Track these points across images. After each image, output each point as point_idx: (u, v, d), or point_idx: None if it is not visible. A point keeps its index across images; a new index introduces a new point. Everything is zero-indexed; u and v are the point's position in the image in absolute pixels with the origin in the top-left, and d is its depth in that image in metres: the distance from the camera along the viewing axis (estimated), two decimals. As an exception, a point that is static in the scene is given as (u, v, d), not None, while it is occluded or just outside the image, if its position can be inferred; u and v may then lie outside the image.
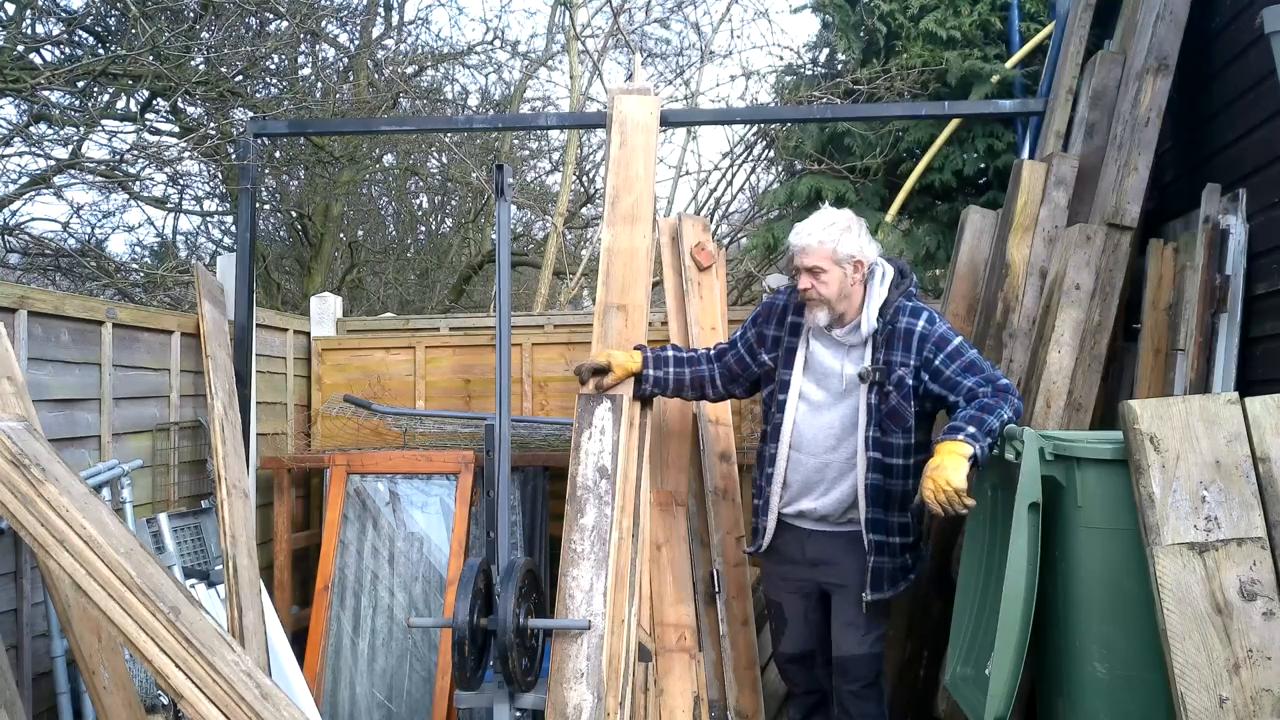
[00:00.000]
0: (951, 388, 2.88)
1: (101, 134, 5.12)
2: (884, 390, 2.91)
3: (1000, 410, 2.76)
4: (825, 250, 2.92)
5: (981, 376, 2.87)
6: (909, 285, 3.01)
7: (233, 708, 2.17)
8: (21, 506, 2.28)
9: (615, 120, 3.64)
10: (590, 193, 8.84)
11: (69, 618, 2.92)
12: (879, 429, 2.92)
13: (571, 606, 2.70)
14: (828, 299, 2.93)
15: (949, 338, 2.92)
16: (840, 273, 2.92)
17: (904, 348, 2.91)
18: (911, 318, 2.93)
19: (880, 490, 2.94)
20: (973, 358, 2.91)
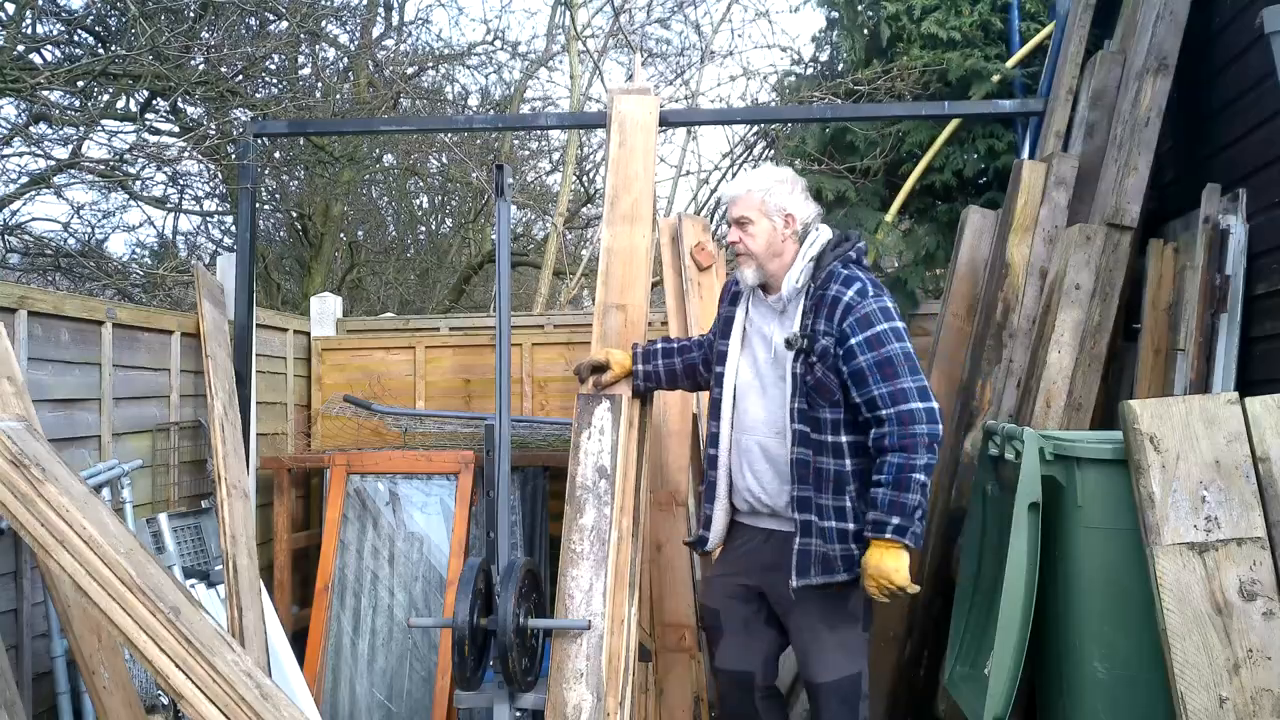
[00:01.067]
0: (858, 383, 2.57)
1: (101, 134, 5.12)
2: (809, 360, 2.63)
3: (912, 471, 2.50)
4: (754, 199, 2.73)
5: (892, 389, 2.54)
6: (849, 250, 2.73)
7: (233, 708, 2.17)
8: (21, 506, 2.28)
9: (615, 120, 3.64)
10: (590, 193, 8.84)
11: (69, 618, 2.92)
12: (805, 401, 2.64)
13: (571, 606, 2.70)
14: (754, 253, 2.73)
15: (875, 319, 2.58)
16: (769, 225, 2.72)
17: (828, 316, 2.62)
18: (842, 285, 2.63)
19: (807, 466, 2.65)
20: (893, 354, 2.56)
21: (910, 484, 2.50)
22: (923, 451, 2.51)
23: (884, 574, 2.49)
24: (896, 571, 2.49)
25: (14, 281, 5.11)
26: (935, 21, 5.22)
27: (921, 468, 2.51)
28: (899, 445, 2.51)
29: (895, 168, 5.41)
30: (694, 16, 10.37)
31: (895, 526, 2.49)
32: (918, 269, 5.23)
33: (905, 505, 2.49)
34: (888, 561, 2.49)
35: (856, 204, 5.29)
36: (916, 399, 2.53)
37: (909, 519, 2.49)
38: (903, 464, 2.51)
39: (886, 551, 2.50)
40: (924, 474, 2.52)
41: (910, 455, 2.50)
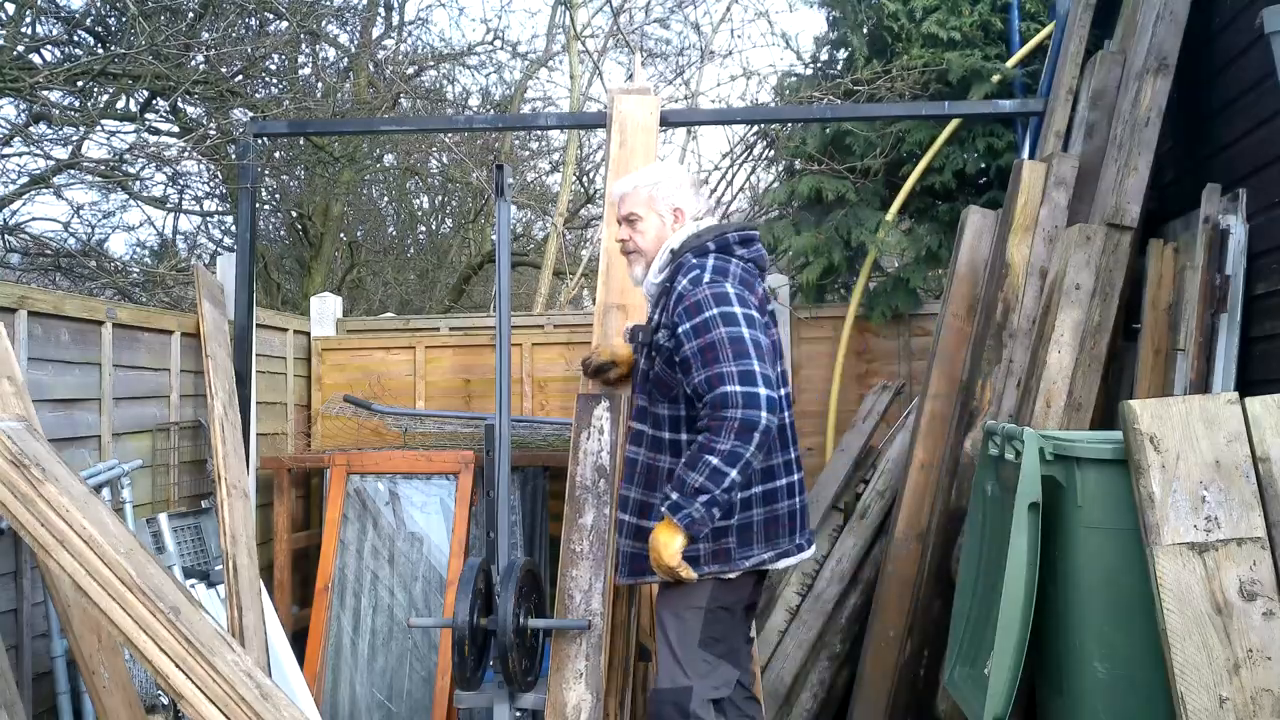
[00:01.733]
0: (685, 371, 2.45)
1: (101, 134, 5.12)
2: (651, 355, 2.56)
3: (710, 451, 2.33)
4: (642, 195, 2.63)
5: (710, 374, 2.37)
6: (708, 239, 2.57)
7: (233, 707, 2.17)
8: (21, 506, 2.28)
9: (615, 120, 3.64)
10: (590, 193, 8.84)
11: (69, 618, 2.92)
12: (646, 397, 2.57)
13: (571, 606, 2.71)
14: (643, 250, 2.63)
15: (704, 305, 2.43)
16: (658, 221, 2.62)
17: (666, 307, 2.53)
18: (682, 275, 2.51)
19: (637, 464, 2.57)
20: (716, 339, 2.39)
21: (700, 464, 2.34)
22: (727, 435, 2.32)
23: (654, 548, 2.41)
24: (665, 547, 2.38)
25: (14, 281, 5.11)
26: (936, 21, 5.22)
27: (721, 453, 2.32)
28: (706, 426, 2.38)
29: (895, 168, 5.40)
30: (693, 16, 10.38)
31: (671, 503, 2.38)
32: (919, 268, 5.23)
33: (686, 483, 2.36)
34: (660, 536, 2.40)
35: (857, 204, 5.28)
36: (734, 383, 2.34)
37: (687, 499, 2.35)
38: (701, 444, 2.36)
39: (662, 528, 2.41)
40: (721, 460, 2.32)
41: (712, 437, 2.34)
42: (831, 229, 5.21)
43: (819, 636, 4.06)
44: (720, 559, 2.52)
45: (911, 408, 4.20)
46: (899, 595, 3.80)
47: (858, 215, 5.19)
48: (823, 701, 4.06)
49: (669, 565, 2.40)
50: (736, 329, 2.39)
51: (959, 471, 3.64)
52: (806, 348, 5.31)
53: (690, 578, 2.44)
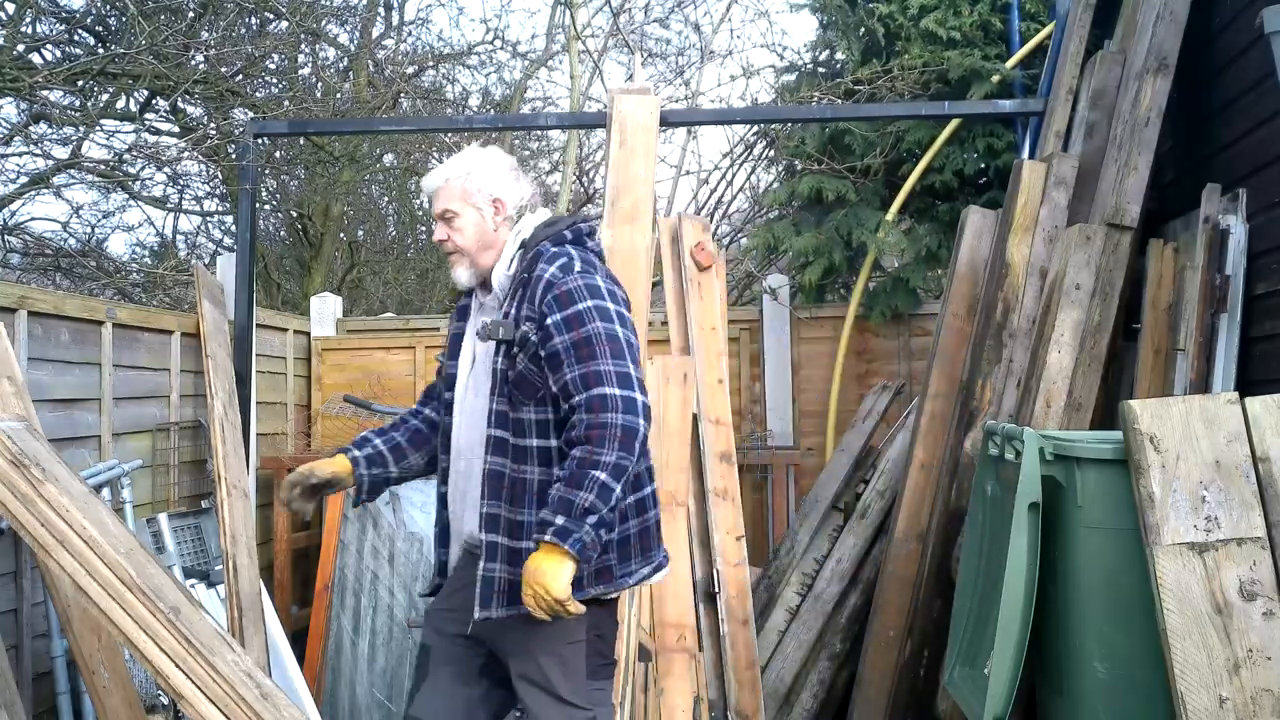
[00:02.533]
0: (554, 367, 2.20)
1: (101, 134, 5.12)
2: (511, 352, 2.26)
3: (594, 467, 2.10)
4: (454, 189, 2.38)
5: (585, 371, 2.16)
6: (564, 228, 2.38)
7: (233, 708, 2.16)
8: (21, 506, 2.28)
9: (615, 120, 3.64)
10: (590, 193, 8.84)
11: (69, 618, 2.92)
12: (508, 401, 2.27)
13: (571, 606, 2.70)
14: (465, 248, 2.37)
15: (578, 296, 2.21)
16: (477, 215, 2.37)
17: (530, 298, 2.26)
18: (546, 263, 2.27)
19: (501, 478, 2.26)
20: (593, 334, 2.18)
21: (586, 481, 2.10)
22: (611, 446, 2.11)
23: (540, 580, 2.08)
24: (554, 579, 2.07)
25: (14, 281, 5.11)
26: (935, 20, 5.22)
27: (607, 466, 2.11)
28: (584, 436, 2.13)
29: (895, 167, 5.41)
30: (693, 16, 10.37)
31: (558, 528, 2.08)
32: (918, 268, 5.23)
33: (574, 505, 2.09)
34: (545, 566, 2.08)
35: (856, 204, 5.29)
36: (614, 385, 2.14)
37: (576, 522, 2.08)
38: (583, 458, 2.12)
39: (547, 556, 2.09)
40: (609, 474, 2.11)
41: (594, 448, 2.11)
42: (832, 229, 5.21)
43: (819, 636, 4.07)
44: (604, 578, 2.27)
45: (911, 408, 4.21)
46: (899, 595, 3.80)
47: (858, 215, 5.20)
48: (823, 701, 4.06)
49: (556, 599, 2.08)
50: (612, 326, 2.21)
51: (959, 471, 3.64)
52: (806, 348, 5.31)
53: (579, 611, 2.13)
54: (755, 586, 4.09)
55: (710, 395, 3.96)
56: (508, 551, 2.23)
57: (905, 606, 3.79)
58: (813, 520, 4.21)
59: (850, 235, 5.14)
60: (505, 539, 2.24)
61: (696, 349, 3.99)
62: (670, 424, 3.71)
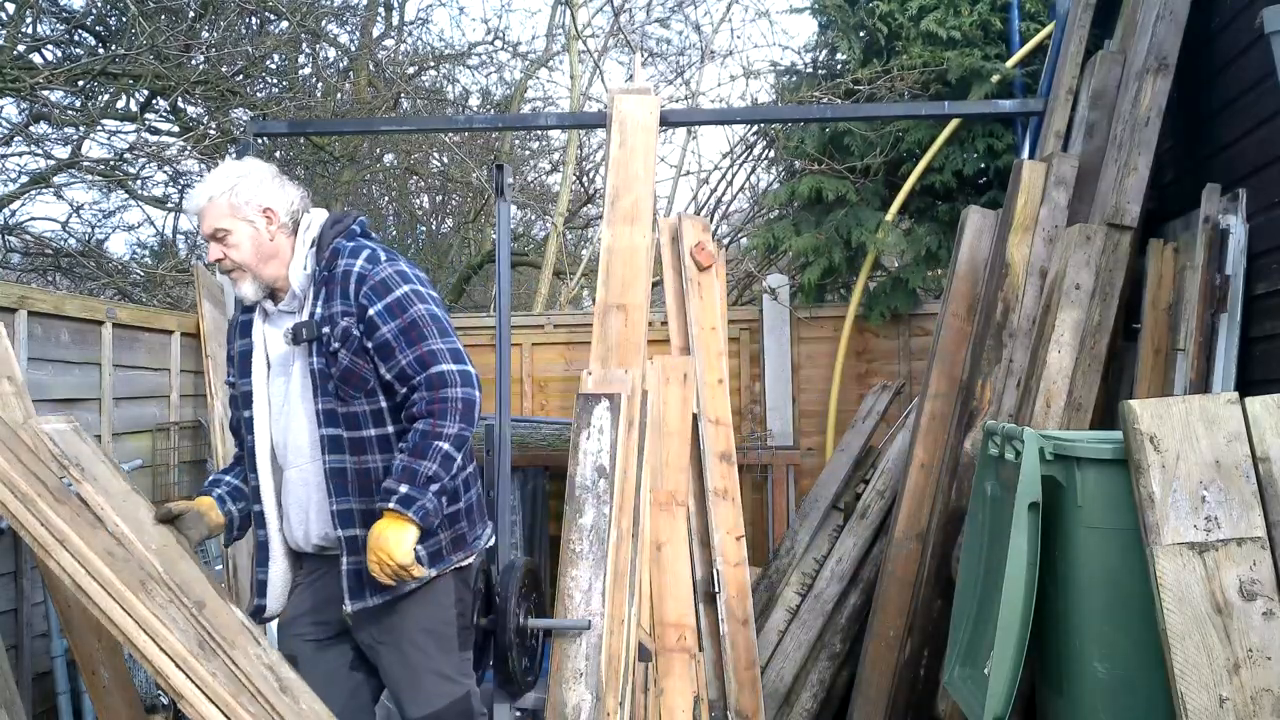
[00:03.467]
0: (385, 356, 2.28)
1: (101, 133, 5.12)
2: (329, 349, 2.30)
3: (437, 438, 2.22)
4: (220, 206, 2.34)
5: (419, 353, 2.27)
6: (350, 224, 2.44)
7: (245, 701, 2.17)
8: (21, 506, 2.28)
9: (615, 120, 3.64)
10: (590, 193, 8.84)
11: (69, 618, 2.92)
12: (335, 398, 2.31)
13: (570, 606, 2.71)
14: (244, 264, 2.35)
15: (392, 283, 2.31)
16: (250, 229, 2.35)
17: (342, 294, 2.31)
18: (350, 257, 2.34)
19: (344, 474, 2.32)
20: (417, 317, 2.30)
21: (430, 451, 2.22)
22: (453, 418, 2.24)
23: (383, 546, 2.18)
24: (398, 544, 2.18)
25: (14, 281, 5.11)
26: (934, 20, 5.22)
27: (450, 437, 2.23)
28: (427, 410, 2.25)
29: (895, 168, 5.41)
30: (694, 16, 10.38)
31: (401, 496, 2.20)
32: (918, 269, 5.23)
33: (418, 474, 2.21)
34: (389, 533, 2.19)
35: (857, 204, 5.28)
36: (449, 361, 2.28)
37: (420, 490, 2.20)
38: (427, 430, 2.23)
39: (391, 523, 2.20)
40: (451, 444, 2.24)
41: (437, 421, 2.23)
42: (831, 229, 5.21)
43: (819, 636, 4.07)
44: (460, 546, 2.41)
45: (911, 408, 4.21)
46: (899, 595, 3.80)
47: (858, 215, 5.20)
48: (823, 701, 4.06)
49: (400, 564, 2.18)
50: (430, 306, 2.33)
51: (959, 471, 3.64)
52: (806, 348, 5.31)
53: (421, 574, 2.25)
54: (755, 586, 4.10)
55: (710, 395, 3.97)
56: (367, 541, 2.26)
57: (905, 606, 3.79)
58: (813, 520, 4.21)
59: (850, 235, 5.14)
60: (362, 530, 2.29)
61: (696, 349, 4.00)
62: (670, 424, 3.71)
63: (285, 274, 2.38)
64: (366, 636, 2.41)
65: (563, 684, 2.62)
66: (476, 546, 2.46)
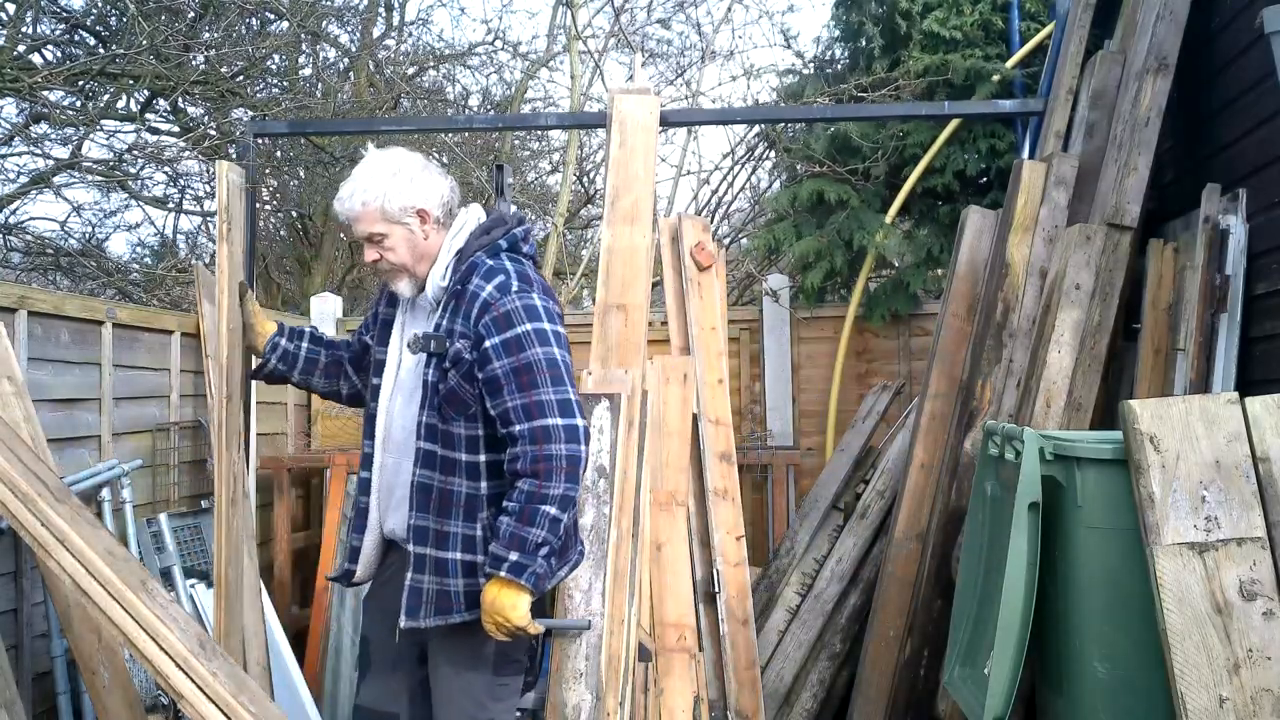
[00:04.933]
0: (492, 392, 2.23)
1: (101, 134, 5.12)
2: (443, 366, 2.27)
3: (543, 501, 2.17)
4: (372, 210, 2.33)
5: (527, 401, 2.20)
6: (499, 237, 2.36)
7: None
8: (22, 506, 2.28)
9: (615, 120, 3.64)
10: (590, 193, 8.84)
11: (69, 618, 2.92)
12: (437, 414, 2.28)
13: (570, 606, 2.70)
14: (402, 265, 2.35)
15: (516, 319, 2.23)
16: (404, 231, 2.33)
17: (465, 314, 2.26)
18: (483, 279, 2.27)
19: (429, 491, 2.30)
20: (533, 360, 2.21)
21: (537, 517, 2.17)
22: (559, 479, 2.18)
23: (499, 611, 2.19)
24: (513, 609, 2.18)
25: (14, 281, 5.11)
26: (936, 20, 5.22)
27: (555, 499, 2.18)
28: (531, 470, 2.18)
29: (897, 170, 5.41)
30: (695, 16, 10.38)
31: (512, 564, 2.16)
32: (919, 270, 5.23)
33: (527, 541, 2.16)
34: (504, 599, 2.18)
35: (859, 207, 5.29)
36: (556, 414, 2.19)
37: (529, 557, 2.16)
38: (532, 492, 2.18)
39: (504, 589, 2.18)
40: (557, 506, 2.18)
41: (543, 483, 2.17)
42: (833, 232, 5.21)
43: (819, 636, 4.07)
44: None
45: (911, 408, 4.20)
46: (899, 595, 3.80)
47: (859, 218, 5.20)
48: (823, 701, 4.06)
49: (520, 627, 2.20)
50: (551, 350, 2.24)
51: (959, 471, 3.64)
52: (806, 348, 5.31)
53: (538, 631, 2.26)
54: (755, 586, 4.09)
55: (710, 395, 3.96)
56: (435, 562, 2.29)
57: (905, 606, 3.79)
58: (813, 520, 4.21)
59: (851, 238, 5.14)
60: (433, 550, 2.30)
61: (696, 349, 4.00)
62: (670, 424, 3.71)
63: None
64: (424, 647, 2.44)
65: (563, 684, 2.62)
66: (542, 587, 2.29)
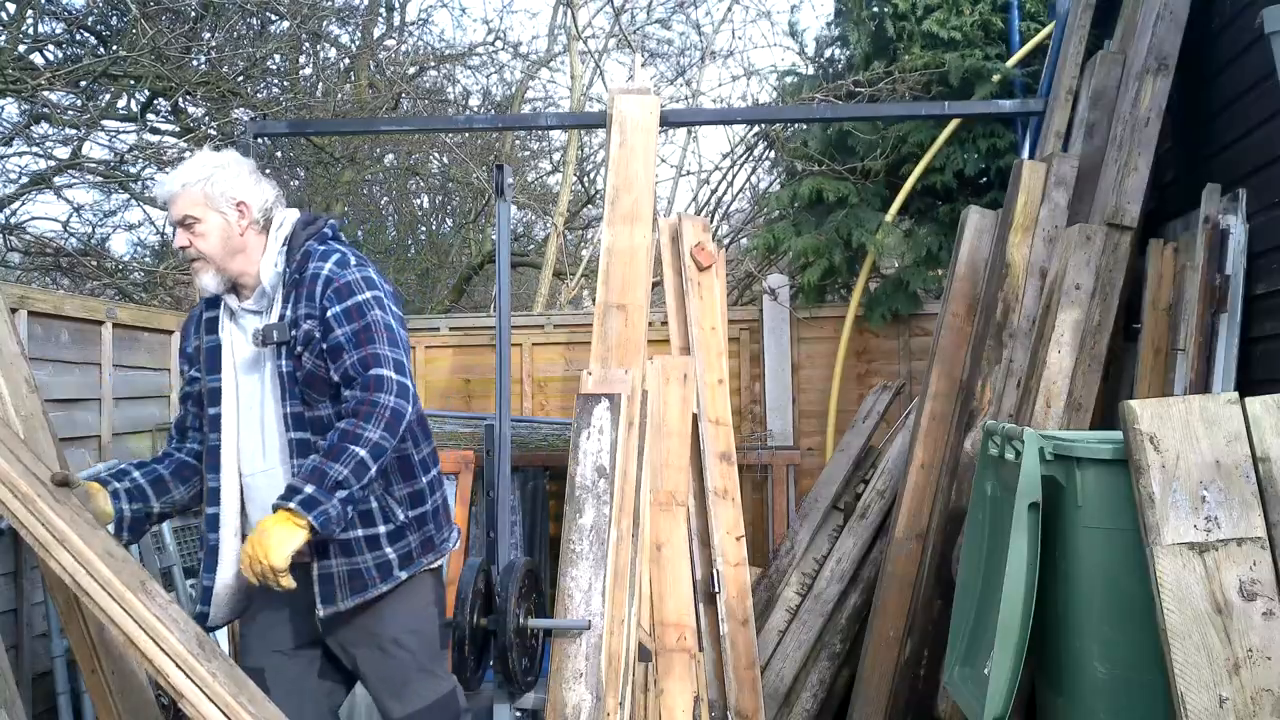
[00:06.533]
0: (335, 356, 2.25)
1: (102, 134, 5.12)
2: (295, 352, 2.28)
3: (355, 442, 2.14)
4: (194, 194, 2.32)
5: (364, 354, 2.23)
6: (323, 227, 2.42)
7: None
8: (21, 506, 2.28)
9: (615, 120, 3.64)
10: (591, 193, 8.84)
11: (69, 618, 2.91)
12: (301, 402, 2.28)
13: (570, 606, 2.71)
14: (210, 254, 2.32)
15: (356, 289, 2.29)
16: (221, 220, 2.32)
17: (309, 296, 2.30)
18: (320, 261, 2.33)
19: None
20: (372, 321, 2.26)
21: (344, 455, 2.13)
22: (376, 424, 2.17)
23: (263, 544, 2.08)
24: (279, 547, 2.07)
25: (14, 281, 5.11)
26: (936, 21, 5.22)
27: (369, 443, 2.15)
28: (353, 410, 2.19)
29: (896, 169, 5.40)
30: (695, 16, 10.38)
31: (304, 498, 2.09)
32: (919, 269, 5.22)
33: (326, 476, 2.11)
34: (276, 533, 2.08)
35: (857, 205, 5.28)
36: (390, 368, 2.23)
37: (324, 494, 2.10)
38: (347, 430, 2.16)
39: (282, 523, 2.09)
40: (368, 451, 2.15)
41: (360, 423, 2.17)
42: (832, 230, 5.21)
43: (819, 636, 4.06)
44: (430, 548, 2.41)
45: (911, 408, 4.20)
46: (899, 595, 3.80)
47: (858, 217, 5.20)
48: (823, 701, 4.06)
49: (274, 567, 2.07)
50: (388, 317, 2.30)
51: (959, 471, 3.64)
52: (806, 348, 5.31)
53: (289, 586, 2.13)
54: (755, 586, 4.09)
55: (710, 395, 3.97)
56: (338, 545, 2.26)
57: (905, 606, 3.79)
58: (813, 520, 4.21)
59: (850, 236, 5.14)
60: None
61: (696, 349, 4.00)
62: (670, 424, 3.71)
63: (252, 270, 2.36)
64: (341, 640, 2.39)
65: (563, 684, 2.62)
66: (445, 549, 2.46)
